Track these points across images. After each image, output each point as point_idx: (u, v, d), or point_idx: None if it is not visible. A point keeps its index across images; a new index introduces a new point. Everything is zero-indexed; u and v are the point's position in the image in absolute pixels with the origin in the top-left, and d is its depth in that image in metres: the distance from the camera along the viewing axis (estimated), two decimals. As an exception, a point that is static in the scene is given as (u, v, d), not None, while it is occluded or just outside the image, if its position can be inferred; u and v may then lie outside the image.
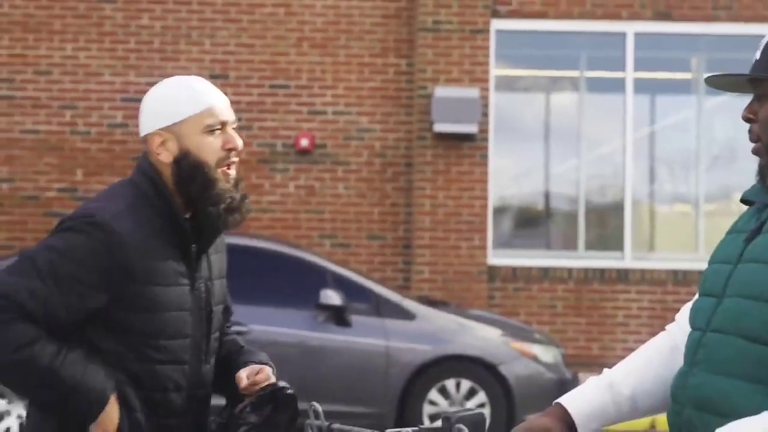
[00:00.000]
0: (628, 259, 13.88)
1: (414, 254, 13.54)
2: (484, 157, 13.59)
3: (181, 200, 3.25)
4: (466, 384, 10.40)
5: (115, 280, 3.12)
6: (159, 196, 3.22)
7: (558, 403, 2.75)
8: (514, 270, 13.64)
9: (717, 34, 13.96)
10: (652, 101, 14.51)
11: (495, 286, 13.56)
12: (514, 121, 14.27)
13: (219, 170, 3.22)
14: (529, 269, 13.66)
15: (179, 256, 3.23)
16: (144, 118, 3.27)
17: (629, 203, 14.04)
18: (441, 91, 13.34)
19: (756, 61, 2.61)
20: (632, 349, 2.84)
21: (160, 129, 3.23)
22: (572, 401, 2.73)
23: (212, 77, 13.78)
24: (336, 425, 2.93)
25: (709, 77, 2.68)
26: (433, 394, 10.38)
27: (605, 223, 14.49)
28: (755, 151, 2.57)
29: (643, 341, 2.85)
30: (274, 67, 13.86)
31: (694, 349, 2.54)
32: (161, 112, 3.21)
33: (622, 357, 2.83)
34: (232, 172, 3.25)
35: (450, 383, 10.41)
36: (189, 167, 3.20)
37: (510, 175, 14.49)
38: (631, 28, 13.92)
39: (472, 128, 13.33)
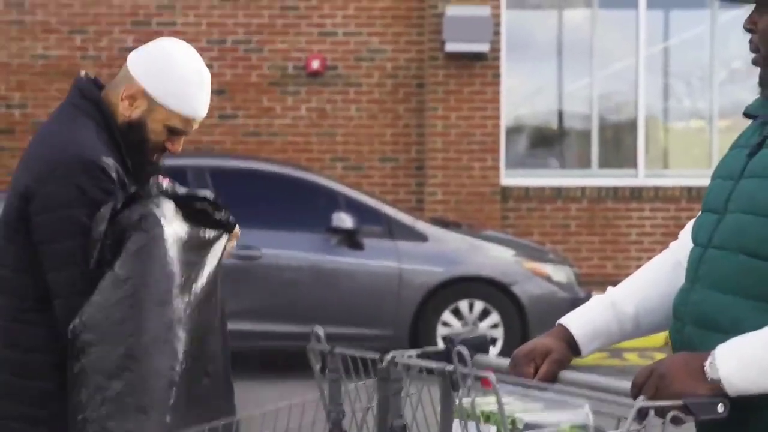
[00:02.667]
0: (641, 177, 13.83)
1: (426, 175, 13.51)
2: (497, 76, 13.51)
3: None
4: (479, 305, 10.42)
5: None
6: (105, 119, 3.23)
7: (560, 323, 2.73)
8: (527, 190, 13.61)
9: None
10: (665, 16, 14.37)
11: (508, 207, 13.54)
12: (526, 39, 14.16)
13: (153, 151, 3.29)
14: (542, 189, 13.63)
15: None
16: (144, 64, 3.25)
17: (642, 120, 13.96)
18: (452, 10, 13.23)
19: (758, -28, 2.56)
20: (646, 268, 2.82)
21: (145, 87, 3.23)
22: (574, 321, 2.71)
23: None
24: (338, 349, 2.90)
25: (719, -8, 2.64)
26: (447, 316, 10.40)
27: (619, 141, 14.42)
28: (755, 62, 2.53)
29: (656, 259, 2.83)
30: (284, -12, 13.74)
31: (695, 265, 2.51)
32: (158, 80, 3.22)
33: (636, 276, 2.81)
34: (160, 159, 3.31)
35: (463, 304, 10.42)
36: (137, 135, 3.24)
37: (522, 94, 14.41)
38: (643, -57, 13.77)
39: (483, 47, 13.24)
